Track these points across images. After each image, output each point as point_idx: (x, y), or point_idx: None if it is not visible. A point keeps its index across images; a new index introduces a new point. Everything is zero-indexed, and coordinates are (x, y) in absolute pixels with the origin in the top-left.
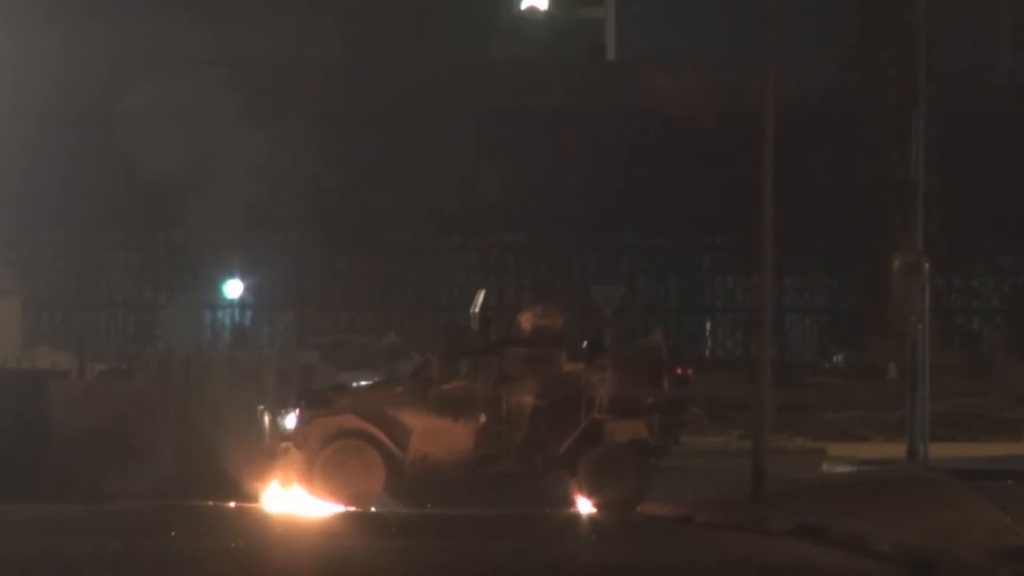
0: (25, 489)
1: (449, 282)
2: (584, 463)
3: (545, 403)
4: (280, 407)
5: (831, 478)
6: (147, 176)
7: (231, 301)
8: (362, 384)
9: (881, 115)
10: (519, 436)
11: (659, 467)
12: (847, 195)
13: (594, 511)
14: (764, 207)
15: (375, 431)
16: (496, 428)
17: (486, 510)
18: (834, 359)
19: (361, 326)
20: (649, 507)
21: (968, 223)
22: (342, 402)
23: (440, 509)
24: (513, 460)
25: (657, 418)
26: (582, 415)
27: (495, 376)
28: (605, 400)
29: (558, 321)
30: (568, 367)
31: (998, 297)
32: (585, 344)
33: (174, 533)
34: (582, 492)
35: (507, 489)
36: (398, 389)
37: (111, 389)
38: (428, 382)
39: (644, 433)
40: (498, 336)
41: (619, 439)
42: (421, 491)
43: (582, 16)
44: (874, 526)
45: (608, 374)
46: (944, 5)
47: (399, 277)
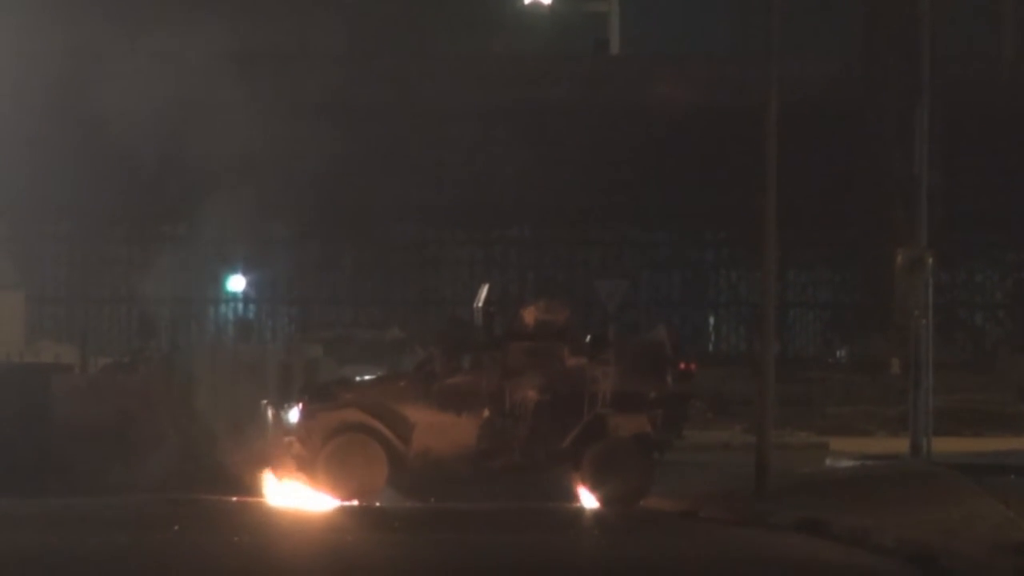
0: (28, 483)
1: (452, 276)
2: (587, 458)
3: (548, 398)
4: (283, 401)
5: (834, 473)
6: (151, 170)
7: (235, 295)
8: (365, 378)
9: (884, 110)
10: (522, 431)
11: (662, 462)
12: (850, 190)
13: (597, 506)
14: (767, 202)
15: (378, 425)
16: (499, 423)
17: (489, 504)
18: (837, 354)
19: (365, 320)
20: (652, 502)
21: (971, 218)
22: (345, 396)
23: (443, 503)
24: (516, 455)
25: (660, 413)
26: (585, 410)
27: (498, 371)
28: (608, 395)
29: (561, 316)
30: (571, 362)
31: (1001, 292)
32: (588, 339)
33: (177, 527)
34: (585, 487)
35: (510, 483)
36: (401, 383)
37: (114, 383)
38: (431, 376)
39: (647, 428)
40: (501, 331)
41: (622, 434)
42: (424, 485)
43: (586, 10)
44: (877, 521)
45: (611, 369)
46: (948, 0)
47: (403, 271)
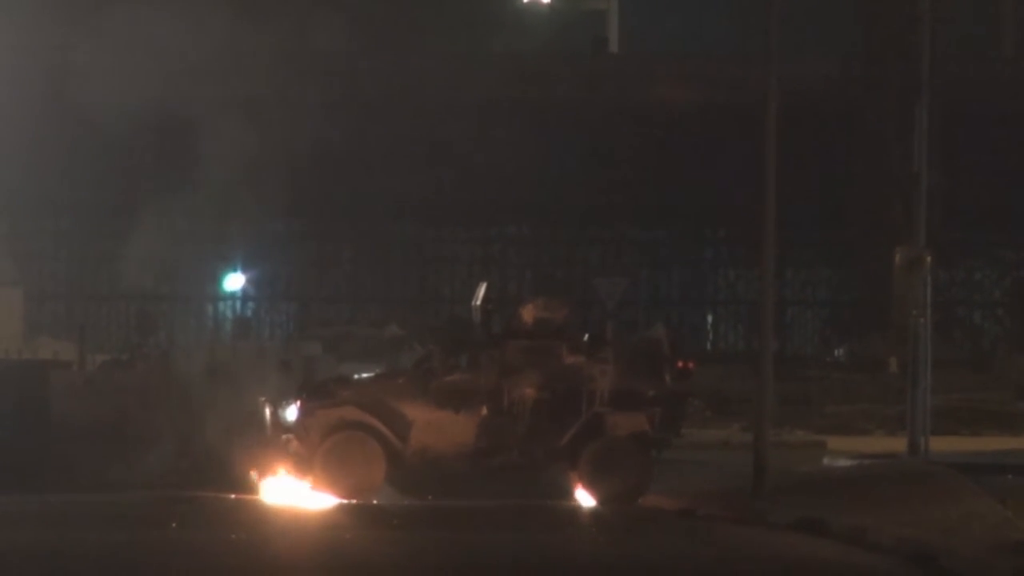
0: (26, 479)
1: (451, 274)
2: (585, 456)
3: (546, 396)
4: (282, 399)
5: (832, 472)
6: (149, 166)
7: (233, 292)
8: (364, 376)
9: (884, 109)
10: (520, 429)
11: (660, 460)
12: (849, 189)
13: (595, 504)
14: (766, 200)
15: (376, 423)
16: (497, 420)
17: (487, 502)
18: (835, 352)
19: (363, 318)
20: (650, 500)
21: (970, 217)
22: (344, 394)
23: (441, 501)
24: (514, 453)
25: (659, 411)
26: (583, 408)
27: (496, 369)
28: (606, 393)
29: (560, 314)
30: (569, 360)
31: (1000, 291)
32: (587, 337)
33: (175, 524)
34: (583, 485)
35: (508, 481)
36: (400, 381)
37: (112, 380)
38: (430, 374)
39: (645, 426)
40: (500, 328)
41: (620, 432)
42: (422, 483)
43: (585, 9)
44: (875, 520)
45: (610, 367)
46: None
47: (401, 269)
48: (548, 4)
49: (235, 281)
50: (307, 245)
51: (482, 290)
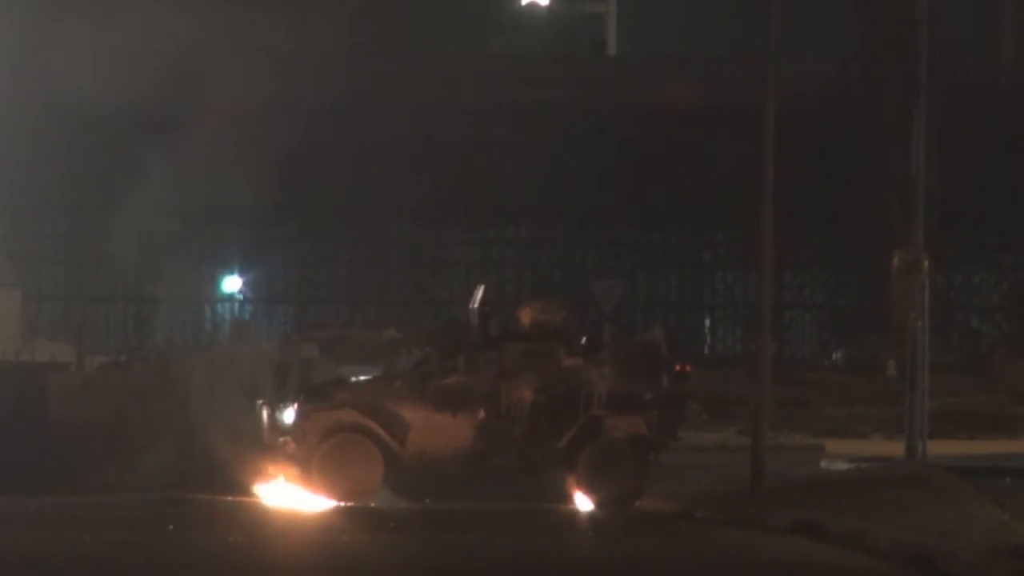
0: (24, 481)
1: (449, 276)
2: (583, 459)
3: (544, 398)
4: (279, 401)
5: (830, 475)
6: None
7: (230, 295)
8: (361, 378)
9: (882, 111)
10: (518, 431)
11: (658, 463)
12: (847, 191)
13: (593, 507)
14: (764, 203)
15: (374, 426)
16: (495, 423)
17: (484, 505)
18: (833, 356)
19: (360, 320)
20: (648, 503)
21: (969, 220)
22: (341, 396)
23: (438, 504)
24: (512, 455)
25: (656, 414)
26: (581, 411)
27: (494, 371)
28: (604, 396)
29: (557, 316)
30: (567, 363)
31: (998, 294)
32: (584, 340)
33: (172, 526)
34: (581, 488)
35: (506, 484)
36: (397, 384)
37: (110, 382)
38: (427, 377)
39: (643, 429)
40: (497, 331)
41: (618, 435)
42: (420, 486)
43: (583, 11)
44: (872, 523)
45: (607, 370)
46: (945, 1)
47: (399, 271)
48: (546, 6)
49: (233, 283)
50: (304, 247)
51: (480, 293)
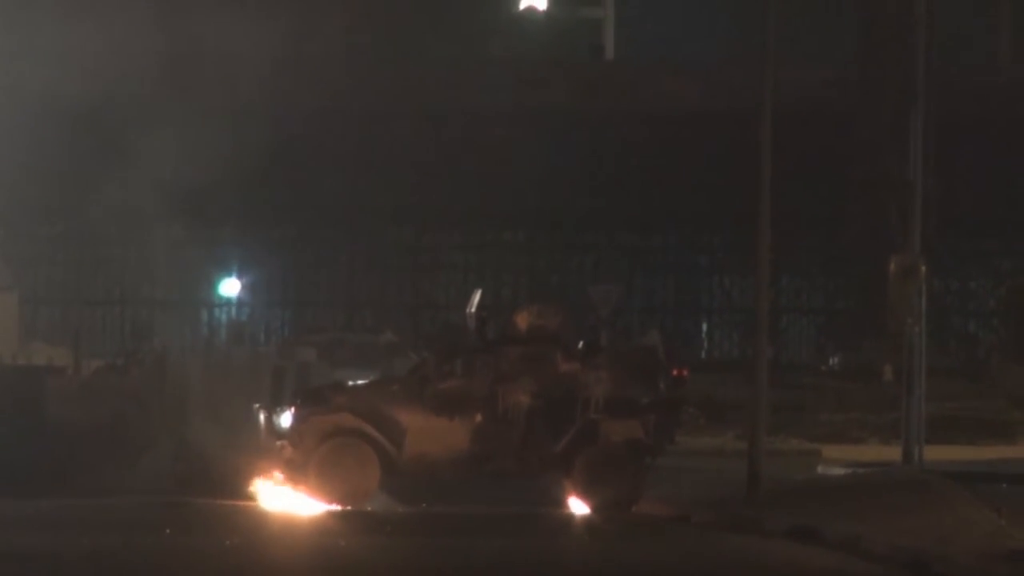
0: (21, 484)
1: (446, 280)
2: (580, 463)
3: (541, 403)
4: (276, 405)
5: (826, 480)
6: (145, 171)
7: (228, 298)
8: (358, 382)
9: (879, 115)
10: (515, 435)
11: (655, 467)
12: (844, 195)
13: (589, 511)
14: (762, 207)
15: (371, 429)
16: (492, 427)
17: (481, 509)
18: (830, 360)
19: (358, 324)
20: (644, 507)
21: (966, 225)
22: (338, 400)
23: (435, 508)
24: (509, 459)
25: (653, 418)
26: (578, 415)
27: (491, 375)
28: (601, 400)
29: (554, 321)
30: (564, 367)
31: (994, 299)
32: (581, 344)
33: (169, 530)
34: (577, 492)
35: (502, 488)
36: (394, 388)
37: (107, 385)
38: (424, 381)
39: (640, 433)
40: (494, 335)
41: (615, 439)
42: (416, 490)
43: (581, 16)
44: (869, 528)
45: (604, 374)
46: (943, 5)
47: (396, 275)
48: (544, 12)
49: (230, 286)
50: (302, 251)
51: (477, 297)
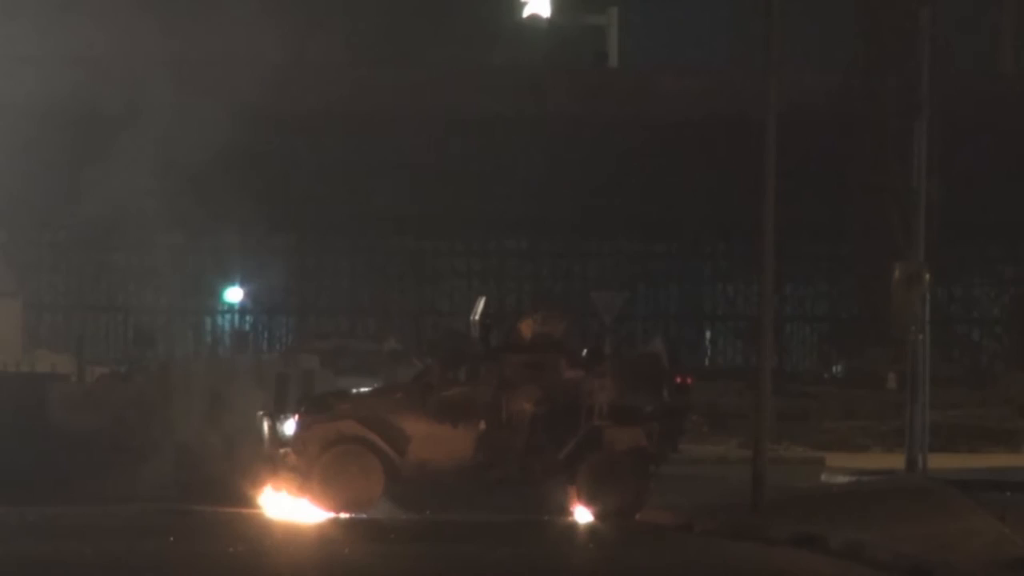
0: (25, 491)
1: (450, 288)
2: (583, 470)
3: (544, 410)
4: (280, 412)
5: (830, 488)
6: (148, 179)
7: (231, 305)
8: (362, 390)
9: (884, 123)
10: (518, 443)
11: (658, 475)
12: (848, 202)
13: (593, 518)
14: (766, 214)
15: (374, 437)
16: (495, 435)
17: (485, 517)
18: (833, 368)
19: (361, 332)
20: (648, 515)
21: (969, 232)
22: (342, 408)
23: (439, 515)
24: (512, 467)
25: (657, 426)
26: (582, 422)
27: (495, 383)
28: (605, 407)
29: (558, 328)
30: (568, 374)
31: (998, 307)
32: (585, 351)
33: (173, 537)
34: (581, 499)
35: (506, 496)
36: (398, 395)
37: (111, 392)
38: (428, 388)
39: (643, 441)
40: (498, 343)
41: (618, 447)
42: (420, 497)
43: (585, 24)
44: (873, 536)
45: (608, 381)
46: (946, 12)
47: (400, 282)
48: (548, 19)
49: (234, 294)
50: (305, 258)
51: (481, 304)
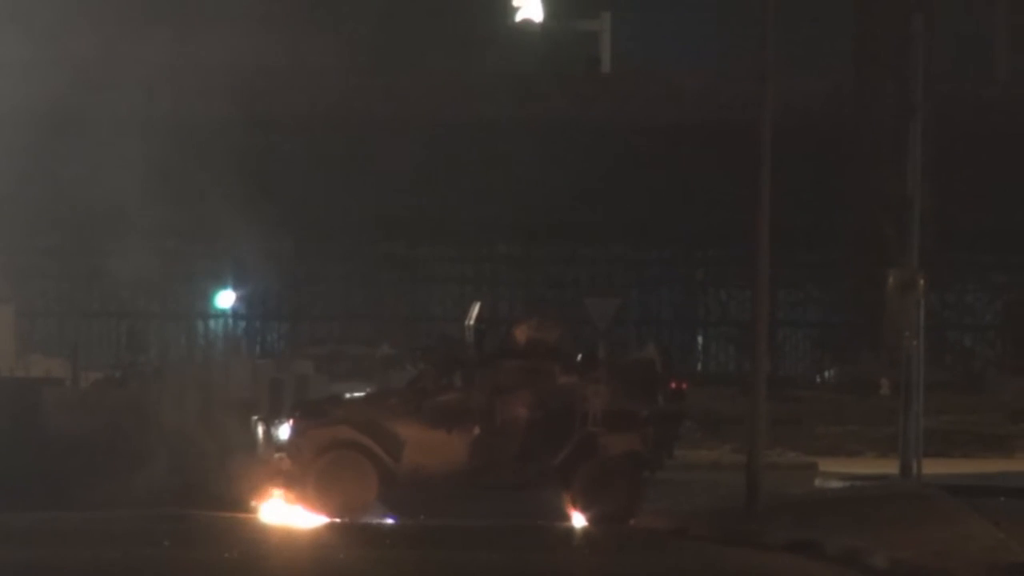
0: (19, 497)
1: (443, 293)
2: (578, 476)
3: (539, 415)
4: (274, 417)
5: (824, 493)
6: (141, 183)
7: (224, 310)
8: (356, 395)
9: (876, 128)
10: (513, 448)
11: (653, 480)
12: (841, 209)
13: (587, 524)
14: (760, 220)
15: (369, 442)
16: (490, 440)
17: (479, 522)
18: (826, 374)
19: (355, 337)
20: (642, 520)
21: (962, 238)
22: (336, 413)
23: (433, 520)
24: (507, 472)
25: (651, 431)
26: (576, 428)
27: (489, 388)
28: (599, 413)
29: (552, 333)
30: (562, 380)
31: (991, 313)
32: (579, 357)
33: (167, 542)
34: (576, 505)
35: (501, 501)
36: (392, 400)
37: (105, 397)
38: (422, 393)
39: (638, 446)
40: (492, 348)
41: (613, 452)
42: (414, 502)
43: (578, 29)
44: (868, 541)
45: (602, 387)
46: (940, 18)
47: (394, 288)
48: (541, 24)
49: (227, 299)
50: (299, 263)
51: (475, 310)
